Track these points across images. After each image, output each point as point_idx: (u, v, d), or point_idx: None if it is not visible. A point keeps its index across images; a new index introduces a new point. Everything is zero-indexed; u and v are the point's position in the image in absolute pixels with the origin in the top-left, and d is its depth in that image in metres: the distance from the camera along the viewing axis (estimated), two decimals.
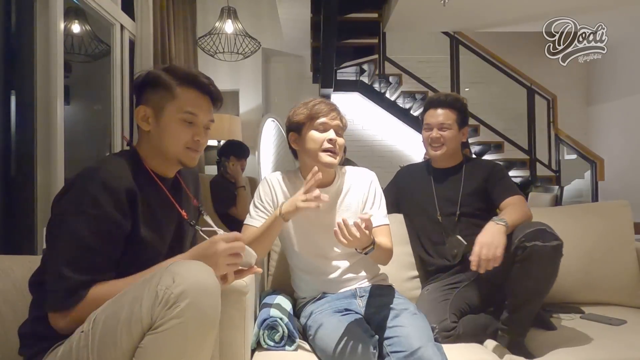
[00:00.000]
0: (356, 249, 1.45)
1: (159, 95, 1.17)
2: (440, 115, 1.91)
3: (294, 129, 1.65)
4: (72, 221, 1.02)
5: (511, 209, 1.72)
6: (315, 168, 1.46)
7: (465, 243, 1.75)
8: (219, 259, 1.04)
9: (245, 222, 1.65)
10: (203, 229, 1.22)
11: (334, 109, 1.63)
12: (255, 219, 1.62)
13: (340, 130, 1.63)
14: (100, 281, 1.04)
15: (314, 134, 1.60)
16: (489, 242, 1.50)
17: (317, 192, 1.41)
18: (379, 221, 1.66)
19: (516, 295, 1.56)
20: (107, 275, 1.06)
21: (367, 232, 1.37)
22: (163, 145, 1.18)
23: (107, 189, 1.04)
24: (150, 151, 1.20)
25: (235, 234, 1.08)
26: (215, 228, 1.18)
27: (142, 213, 1.11)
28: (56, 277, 1.01)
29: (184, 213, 1.22)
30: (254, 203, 1.66)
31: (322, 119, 1.59)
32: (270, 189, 1.66)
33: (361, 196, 1.69)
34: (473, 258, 1.50)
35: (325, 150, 1.59)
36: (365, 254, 1.47)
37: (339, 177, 1.70)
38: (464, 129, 1.95)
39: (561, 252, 1.53)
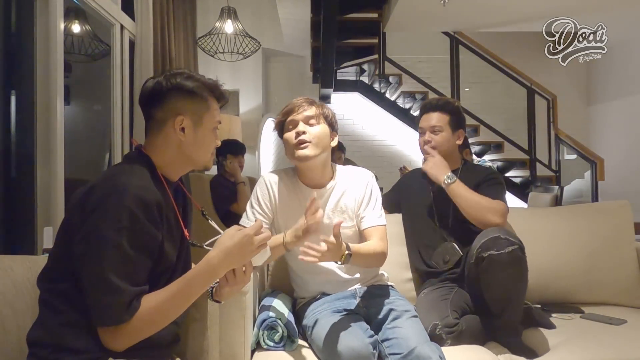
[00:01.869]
0: (336, 262, 1.40)
1: (198, 106, 1.17)
2: (432, 118, 1.92)
3: (280, 136, 1.66)
4: (113, 236, 1.00)
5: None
6: (314, 194, 1.42)
7: (461, 253, 1.73)
8: (251, 253, 1.07)
9: (241, 222, 1.62)
10: (207, 244, 1.19)
11: (303, 101, 1.60)
12: (252, 220, 1.60)
13: (309, 119, 1.58)
14: (144, 293, 1.04)
15: (286, 135, 1.61)
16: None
17: (320, 213, 1.36)
18: (373, 222, 1.63)
19: (492, 304, 1.56)
20: (146, 288, 1.06)
21: (334, 241, 1.30)
22: (196, 154, 1.18)
23: (142, 202, 1.03)
24: (172, 159, 1.17)
25: (259, 225, 1.09)
26: (220, 230, 1.18)
27: (164, 224, 1.10)
28: (109, 291, 0.99)
29: (186, 233, 1.20)
30: (251, 204, 1.63)
31: (290, 117, 1.59)
32: (267, 190, 1.63)
33: (357, 197, 1.66)
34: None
35: (296, 145, 1.56)
36: (342, 264, 1.41)
37: (335, 178, 1.67)
38: (458, 131, 1.94)
39: (520, 255, 1.51)
